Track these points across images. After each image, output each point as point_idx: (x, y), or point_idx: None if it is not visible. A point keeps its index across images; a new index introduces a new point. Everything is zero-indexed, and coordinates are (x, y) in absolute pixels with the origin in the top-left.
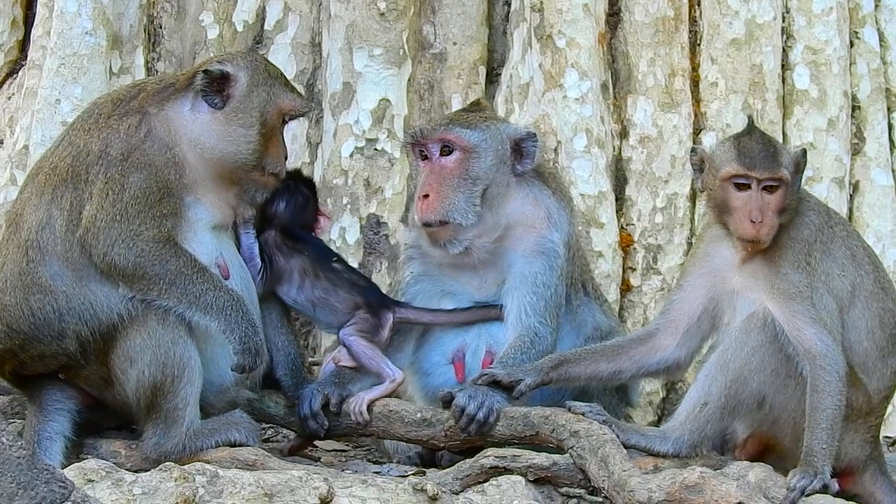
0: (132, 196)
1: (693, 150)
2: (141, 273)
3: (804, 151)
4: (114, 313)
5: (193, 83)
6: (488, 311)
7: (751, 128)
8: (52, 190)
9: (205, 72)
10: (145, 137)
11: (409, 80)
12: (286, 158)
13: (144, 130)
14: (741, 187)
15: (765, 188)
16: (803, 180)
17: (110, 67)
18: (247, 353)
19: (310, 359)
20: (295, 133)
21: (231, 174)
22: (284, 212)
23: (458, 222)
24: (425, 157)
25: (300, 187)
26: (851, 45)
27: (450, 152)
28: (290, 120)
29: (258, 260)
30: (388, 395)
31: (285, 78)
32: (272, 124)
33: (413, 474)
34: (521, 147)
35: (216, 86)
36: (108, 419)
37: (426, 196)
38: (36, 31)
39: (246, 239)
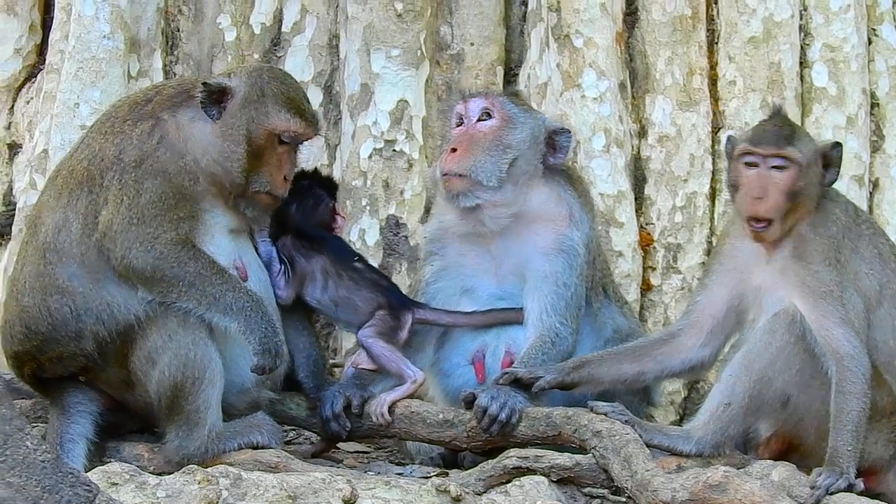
0: (148, 201)
1: (728, 139)
2: (160, 276)
3: (835, 144)
4: (131, 314)
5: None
6: (507, 314)
7: (775, 113)
8: (69, 193)
9: (204, 84)
10: (158, 145)
11: (426, 81)
12: (287, 180)
13: (157, 137)
14: (750, 165)
15: (774, 167)
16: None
17: (128, 71)
18: (266, 353)
19: (331, 360)
20: None
21: (227, 187)
22: (296, 214)
23: (479, 179)
24: (459, 124)
25: (313, 188)
26: (869, 42)
27: (488, 118)
28: (289, 141)
29: (278, 265)
30: (410, 396)
31: (290, 98)
32: (260, 143)
33: (436, 475)
34: (554, 140)
35: (214, 98)
36: (129, 422)
37: (454, 150)
38: (54, 35)
39: (263, 246)
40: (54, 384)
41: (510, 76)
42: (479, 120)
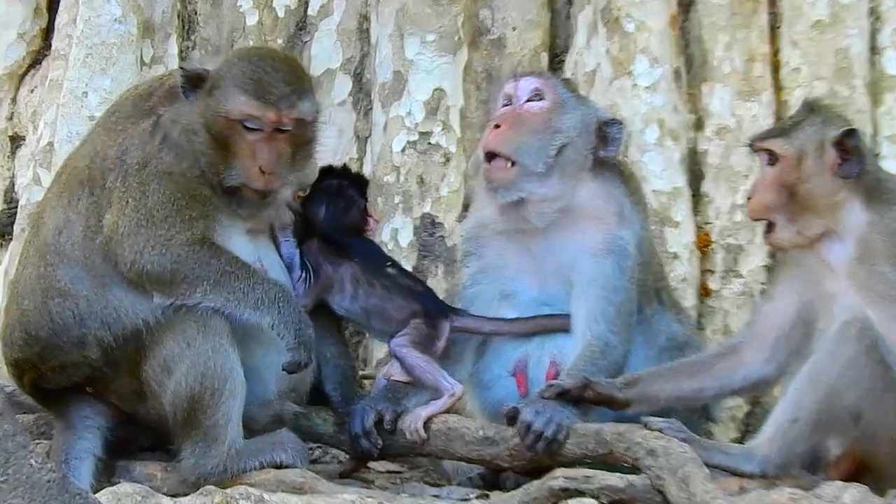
0: (156, 202)
1: None
2: (180, 278)
3: (847, 132)
4: (139, 319)
5: None
6: (553, 321)
7: (804, 105)
8: (70, 193)
9: (181, 69)
10: (161, 146)
11: (464, 68)
12: (265, 172)
13: (159, 138)
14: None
15: (768, 163)
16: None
17: (141, 57)
18: (302, 348)
19: (361, 371)
20: (342, 127)
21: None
22: (325, 218)
23: (525, 164)
24: (507, 106)
25: (344, 188)
26: None
27: (539, 99)
28: (254, 127)
29: (299, 271)
30: (447, 411)
31: (250, 79)
32: (221, 132)
33: (475, 497)
34: (605, 131)
35: (193, 85)
36: (141, 438)
37: (497, 126)
38: (61, 19)
39: (285, 247)
40: (58, 396)
41: (555, 63)
42: (528, 100)
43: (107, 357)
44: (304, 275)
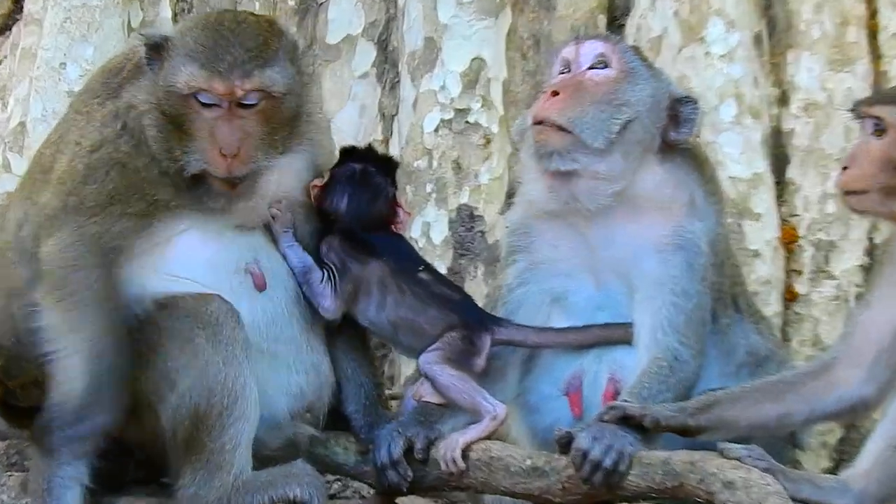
0: (94, 191)
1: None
2: (50, 270)
3: None
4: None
5: None
6: (612, 331)
7: None
8: (32, 183)
9: (140, 35)
10: (121, 131)
11: (508, 34)
12: (226, 156)
13: (120, 124)
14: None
15: (873, 132)
16: None
17: (129, 22)
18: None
19: (388, 391)
20: (364, 103)
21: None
22: (347, 210)
23: (582, 138)
24: (565, 72)
25: (369, 173)
26: None
27: (604, 66)
28: (208, 101)
29: (319, 272)
30: (488, 437)
31: (200, 46)
32: (175, 109)
33: None
34: (678, 110)
35: (152, 55)
36: (131, 468)
37: (555, 94)
38: None
39: (290, 250)
40: (35, 418)
41: (613, 27)
42: (591, 67)
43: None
44: (325, 274)
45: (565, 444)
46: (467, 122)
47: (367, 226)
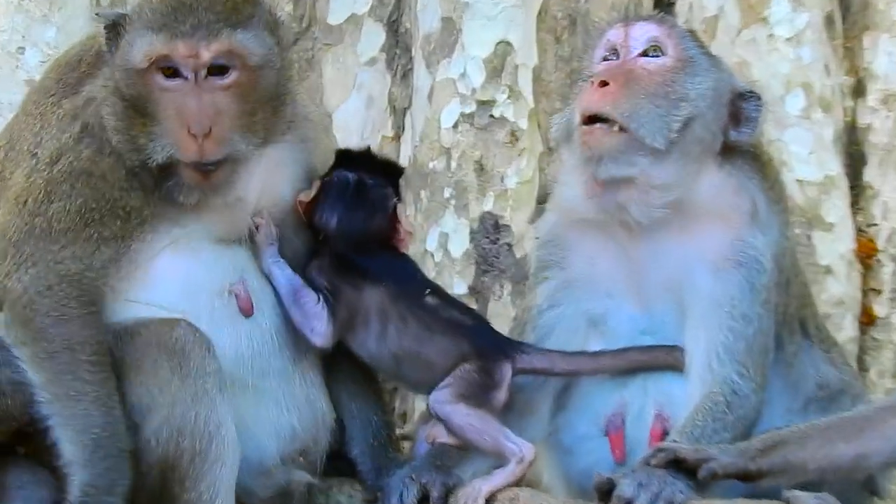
0: (61, 209)
1: None
2: (27, 317)
3: None
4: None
5: None
6: (655, 355)
7: None
8: None
9: (97, 16)
10: (80, 135)
11: (539, 13)
12: (194, 134)
13: (79, 125)
14: None
15: None
16: None
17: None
18: (87, 497)
19: (399, 430)
20: (371, 93)
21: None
22: (337, 229)
23: (640, 135)
24: (611, 59)
25: (364, 185)
26: None
27: (658, 54)
28: (170, 68)
29: (314, 295)
30: (516, 483)
31: (155, 12)
32: (134, 89)
33: None
34: (739, 106)
35: (113, 37)
36: None
37: (604, 84)
38: None
39: (276, 267)
40: None
41: (663, 6)
42: (643, 54)
43: (30, 407)
44: (319, 297)
45: (606, 492)
46: (492, 116)
47: (362, 246)
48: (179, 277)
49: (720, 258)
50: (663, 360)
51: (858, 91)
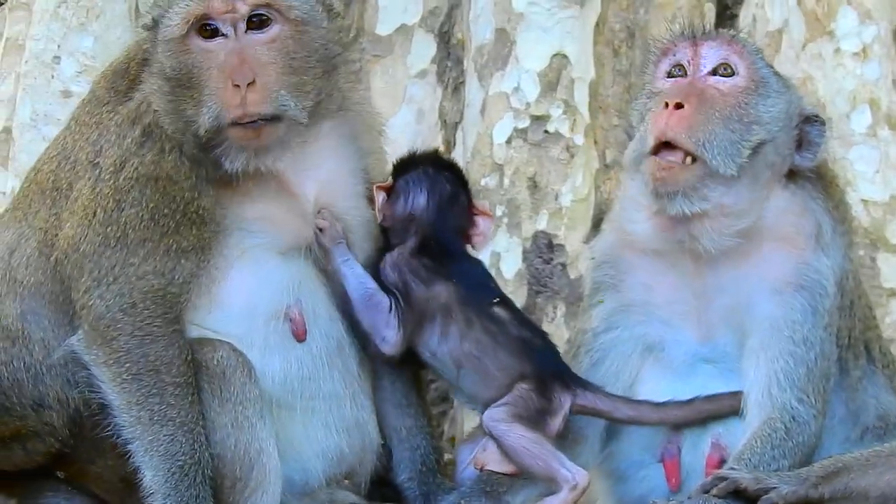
0: (134, 216)
1: None
2: (111, 336)
3: None
4: None
5: None
6: (721, 403)
7: None
8: (27, 205)
9: (141, 25)
10: (143, 139)
11: (596, 25)
12: (238, 85)
13: (140, 128)
14: None
15: None
16: None
17: (136, 7)
18: None
19: (448, 455)
20: (422, 107)
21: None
22: (426, 211)
23: (714, 165)
24: (675, 76)
25: (441, 175)
26: None
27: (729, 75)
28: (207, 27)
29: (386, 299)
30: None
31: None
32: (177, 61)
33: None
34: (803, 130)
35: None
36: None
37: (679, 107)
38: None
39: (346, 267)
40: (21, 481)
41: (725, 18)
42: (714, 73)
43: (77, 426)
44: (391, 302)
45: None
46: (546, 131)
47: (448, 231)
48: (241, 300)
49: (782, 282)
50: (728, 406)
51: None
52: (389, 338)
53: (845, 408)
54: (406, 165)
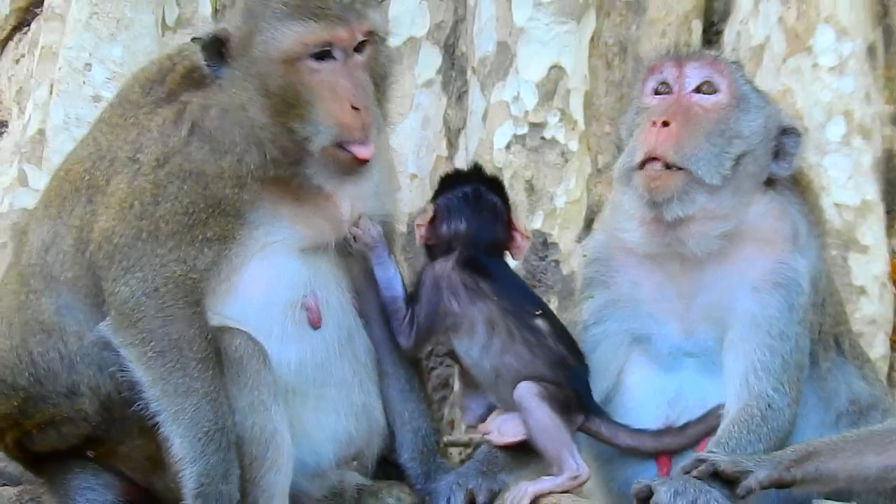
0: (168, 211)
1: None
2: (136, 319)
3: None
4: None
5: None
6: (709, 421)
7: None
8: (62, 201)
9: (194, 40)
10: (189, 137)
11: (591, 39)
12: (358, 109)
13: (187, 127)
14: None
15: None
16: None
17: (163, 19)
18: (201, 500)
19: (447, 437)
20: (427, 114)
21: (283, 170)
22: (467, 232)
23: (700, 175)
24: (661, 93)
25: (482, 193)
26: None
27: (712, 92)
28: (323, 55)
29: (401, 302)
30: (558, 493)
31: (293, 3)
32: (286, 81)
33: None
34: (780, 141)
35: (214, 54)
36: None
37: (666, 124)
38: None
39: (381, 270)
40: (52, 462)
41: (710, 34)
42: (698, 91)
43: (107, 411)
44: (409, 314)
45: (644, 499)
46: (543, 137)
47: (489, 249)
48: (260, 290)
49: (761, 280)
50: (716, 420)
51: None
52: (403, 343)
53: (816, 396)
54: (451, 184)
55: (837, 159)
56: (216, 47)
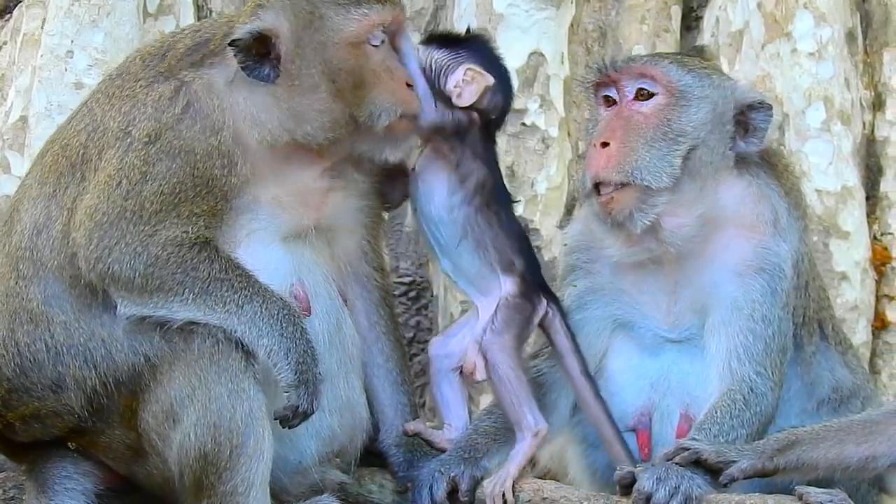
0: (155, 190)
1: None
2: (156, 284)
3: None
4: (138, 355)
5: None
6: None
7: None
8: (57, 179)
9: (233, 43)
10: (182, 114)
11: (571, 25)
12: (411, 86)
13: (181, 104)
14: None
15: None
16: None
17: (144, 5)
18: (303, 388)
19: (429, 424)
20: None
21: (327, 152)
22: (496, 102)
23: (645, 183)
24: (611, 103)
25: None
26: None
27: (648, 97)
28: (381, 41)
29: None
30: (532, 456)
31: None
32: (347, 68)
33: None
34: (747, 117)
35: (257, 53)
36: None
37: (605, 145)
38: None
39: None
40: (34, 451)
41: (691, 20)
42: (636, 98)
43: (92, 404)
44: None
45: (627, 486)
46: (523, 124)
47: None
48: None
49: (743, 265)
50: None
51: (877, 105)
52: (427, 114)
53: (800, 381)
54: (496, 59)
55: (818, 145)
56: (260, 46)
